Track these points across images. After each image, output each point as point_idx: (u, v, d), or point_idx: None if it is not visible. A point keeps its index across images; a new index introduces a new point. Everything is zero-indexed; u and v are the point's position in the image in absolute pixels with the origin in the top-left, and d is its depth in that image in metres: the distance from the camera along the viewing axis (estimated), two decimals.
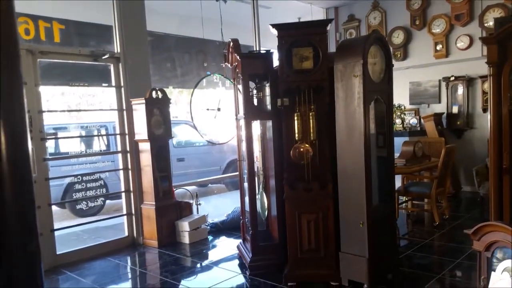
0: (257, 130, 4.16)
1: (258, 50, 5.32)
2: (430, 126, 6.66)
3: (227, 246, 4.88)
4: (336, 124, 3.43)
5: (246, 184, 4.15)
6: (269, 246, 3.99)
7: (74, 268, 4.37)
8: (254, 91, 3.98)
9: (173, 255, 4.64)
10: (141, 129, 4.89)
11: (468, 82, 6.83)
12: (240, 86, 3.93)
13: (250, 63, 3.81)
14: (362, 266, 3.36)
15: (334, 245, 3.55)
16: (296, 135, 3.54)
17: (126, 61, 4.94)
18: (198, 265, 4.38)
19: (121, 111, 5.02)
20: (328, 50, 3.49)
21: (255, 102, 3.99)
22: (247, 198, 4.03)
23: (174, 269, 4.23)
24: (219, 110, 5.63)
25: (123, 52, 4.92)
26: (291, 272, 3.61)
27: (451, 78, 6.91)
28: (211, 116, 5.62)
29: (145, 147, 4.94)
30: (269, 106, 3.87)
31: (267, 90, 3.89)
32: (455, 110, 6.97)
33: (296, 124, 3.52)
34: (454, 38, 6.68)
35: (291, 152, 3.52)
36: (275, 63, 3.75)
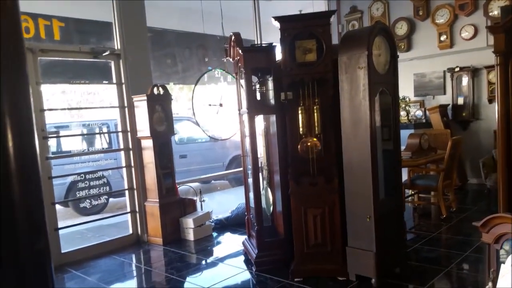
0: (260, 125, 4.11)
1: (260, 43, 5.26)
2: (436, 118, 6.58)
3: (232, 243, 4.84)
4: (341, 117, 3.37)
5: (250, 179, 4.11)
6: (274, 241, 3.95)
7: (79, 266, 4.35)
8: (257, 85, 3.93)
9: (178, 252, 4.61)
10: (143, 126, 4.85)
11: (473, 72, 6.75)
12: (242, 80, 3.87)
13: (253, 57, 3.75)
14: (370, 261, 3.32)
15: (341, 239, 3.51)
16: (300, 129, 3.49)
17: (127, 57, 4.89)
18: (204, 262, 4.35)
19: (122, 108, 4.97)
20: (331, 42, 3.43)
21: (258, 97, 3.93)
22: (252, 194, 3.99)
23: (179, 266, 4.20)
24: (221, 105, 5.58)
25: (124, 48, 4.87)
26: (298, 267, 3.58)
27: (456, 69, 6.83)
28: (213, 111, 5.57)
29: (147, 144, 4.90)
30: (272, 100, 3.82)
31: (270, 84, 3.84)
32: (461, 101, 6.89)
33: (300, 118, 3.48)
34: (459, 28, 6.58)
35: (299, 146, 3.47)
36: (278, 57, 3.70)
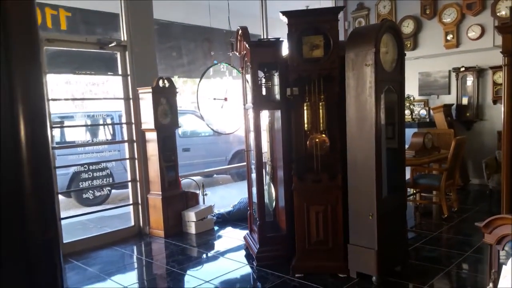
0: (265, 120, 4.10)
1: (267, 38, 5.25)
2: (440, 118, 6.57)
3: (234, 237, 4.86)
4: (346, 114, 3.37)
5: (253, 174, 4.11)
6: (276, 237, 3.96)
7: (81, 257, 4.37)
8: (263, 80, 3.92)
9: (179, 245, 4.62)
10: (147, 118, 4.85)
11: (478, 73, 6.72)
12: (248, 75, 3.87)
13: (260, 52, 3.74)
14: (371, 259, 3.32)
15: (343, 237, 3.51)
16: (305, 125, 3.49)
17: (133, 49, 4.88)
18: (205, 255, 4.37)
19: (127, 100, 4.97)
20: (338, 38, 3.42)
21: (264, 92, 3.92)
22: (255, 189, 3.99)
23: (180, 259, 4.21)
24: (226, 99, 5.57)
25: (130, 40, 4.86)
26: (299, 263, 3.59)
27: (461, 69, 6.81)
28: (218, 105, 5.57)
29: (151, 137, 4.91)
30: (277, 96, 3.81)
31: (276, 79, 3.83)
32: (465, 101, 6.88)
33: (305, 114, 3.48)
34: (465, 28, 6.55)
35: (308, 142, 3.47)
36: (284, 52, 3.69)
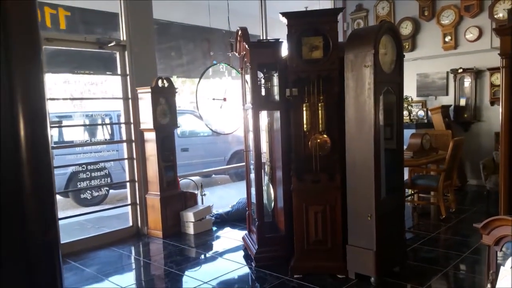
0: (264, 120, 4.11)
1: (266, 39, 5.25)
2: (437, 119, 6.59)
3: (232, 237, 4.85)
4: (345, 115, 3.37)
5: (252, 175, 4.11)
6: (275, 237, 3.96)
7: (78, 257, 4.35)
8: (262, 81, 3.92)
9: (177, 246, 4.62)
10: (146, 118, 4.84)
11: (476, 74, 6.75)
12: (247, 75, 3.87)
13: (259, 52, 3.75)
14: (369, 259, 3.33)
15: (341, 237, 3.52)
16: (304, 126, 3.50)
17: (132, 49, 4.87)
18: (203, 256, 4.36)
19: (126, 100, 4.96)
20: (338, 39, 3.43)
21: (263, 92, 3.93)
22: (254, 189, 3.99)
23: (178, 259, 4.21)
24: (225, 100, 5.57)
25: (129, 40, 4.85)
26: (298, 264, 3.59)
27: (459, 70, 6.84)
28: (217, 106, 5.56)
29: (150, 137, 4.90)
30: (277, 96, 3.82)
31: (275, 80, 3.84)
32: (463, 102, 6.90)
33: (304, 114, 3.48)
34: (463, 30, 6.57)
35: (309, 143, 3.48)
36: (284, 53, 3.69)
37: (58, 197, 5.00)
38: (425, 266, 3.76)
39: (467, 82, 6.85)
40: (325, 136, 3.48)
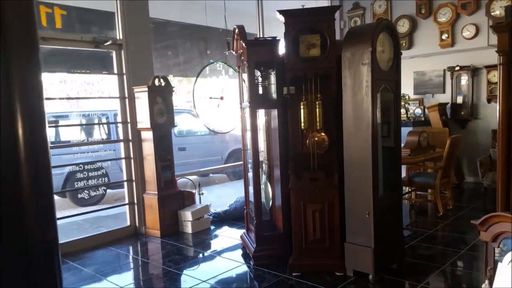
0: (262, 119, 4.10)
1: (263, 37, 5.24)
2: (435, 116, 6.61)
3: (230, 236, 4.85)
4: (343, 113, 3.37)
5: (250, 173, 4.11)
6: (273, 236, 3.96)
7: (76, 257, 4.34)
8: (260, 79, 3.92)
9: (175, 245, 4.61)
10: (143, 117, 4.83)
11: (473, 72, 6.76)
12: (245, 74, 3.86)
13: (256, 51, 3.74)
14: (367, 257, 3.33)
15: (339, 235, 3.52)
16: (302, 124, 3.49)
17: (129, 48, 4.86)
18: (201, 255, 4.36)
19: (123, 99, 4.95)
20: (335, 37, 3.42)
21: (260, 91, 3.92)
22: (251, 188, 3.99)
23: (177, 258, 4.20)
24: (222, 98, 5.56)
25: (126, 39, 4.84)
26: (296, 262, 3.59)
27: (456, 68, 6.85)
28: (214, 105, 5.55)
29: (147, 136, 4.89)
30: (274, 95, 3.81)
31: (273, 78, 3.83)
32: (460, 100, 6.92)
33: (302, 113, 3.48)
34: (460, 27, 6.58)
35: (307, 141, 3.48)
36: (281, 51, 3.69)
37: (56, 197, 4.96)
38: (423, 263, 3.77)
39: (464, 79, 6.87)
40: (322, 134, 3.48)
